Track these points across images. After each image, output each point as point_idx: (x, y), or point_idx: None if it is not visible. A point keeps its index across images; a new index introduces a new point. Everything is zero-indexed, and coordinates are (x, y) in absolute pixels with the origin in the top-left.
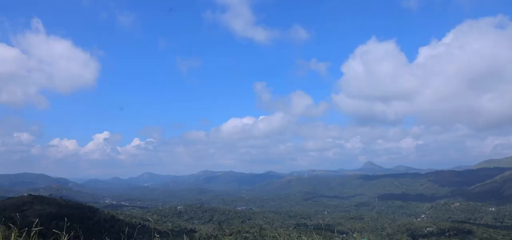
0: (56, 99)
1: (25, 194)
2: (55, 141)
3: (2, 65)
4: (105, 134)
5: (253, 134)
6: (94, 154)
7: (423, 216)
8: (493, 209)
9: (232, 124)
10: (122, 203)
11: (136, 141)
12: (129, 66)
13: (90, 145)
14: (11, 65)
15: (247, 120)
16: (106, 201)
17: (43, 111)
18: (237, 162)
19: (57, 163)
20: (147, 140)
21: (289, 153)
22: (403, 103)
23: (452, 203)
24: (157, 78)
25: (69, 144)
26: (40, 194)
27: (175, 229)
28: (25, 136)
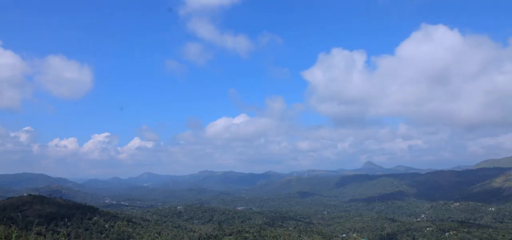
0: (56, 101)
1: (25, 194)
2: (55, 141)
3: (4, 70)
4: (105, 134)
5: (252, 134)
6: (94, 154)
7: (423, 216)
8: (493, 209)
9: (231, 124)
10: (122, 203)
11: (135, 141)
12: (125, 68)
13: (90, 145)
14: (12, 70)
15: (247, 120)
16: (106, 201)
17: (43, 112)
18: (237, 162)
19: (57, 163)
20: (147, 140)
21: (288, 153)
22: (399, 105)
23: (452, 203)
24: (156, 79)
25: (69, 144)
26: (40, 194)
27: (175, 228)
28: (25, 136)
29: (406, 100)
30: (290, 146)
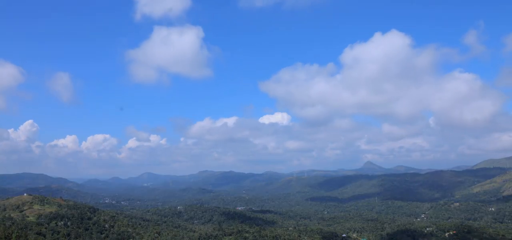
0: (56, 101)
1: (25, 194)
2: (55, 141)
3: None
4: (105, 134)
5: (252, 134)
6: (93, 154)
7: (423, 216)
8: (493, 209)
9: (231, 124)
10: (122, 203)
11: (135, 142)
12: (124, 70)
13: (90, 145)
14: (12, 78)
15: (247, 120)
16: (106, 201)
17: (43, 112)
18: (237, 162)
19: (56, 163)
20: (147, 140)
21: (288, 153)
22: (385, 106)
23: (452, 203)
24: (155, 78)
25: (69, 144)
26: (40, 194)
27: (175, 228)
28: (24, 136)
29: (389, 101)
30: (290, 146)
